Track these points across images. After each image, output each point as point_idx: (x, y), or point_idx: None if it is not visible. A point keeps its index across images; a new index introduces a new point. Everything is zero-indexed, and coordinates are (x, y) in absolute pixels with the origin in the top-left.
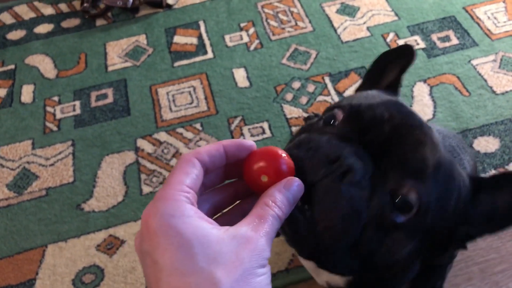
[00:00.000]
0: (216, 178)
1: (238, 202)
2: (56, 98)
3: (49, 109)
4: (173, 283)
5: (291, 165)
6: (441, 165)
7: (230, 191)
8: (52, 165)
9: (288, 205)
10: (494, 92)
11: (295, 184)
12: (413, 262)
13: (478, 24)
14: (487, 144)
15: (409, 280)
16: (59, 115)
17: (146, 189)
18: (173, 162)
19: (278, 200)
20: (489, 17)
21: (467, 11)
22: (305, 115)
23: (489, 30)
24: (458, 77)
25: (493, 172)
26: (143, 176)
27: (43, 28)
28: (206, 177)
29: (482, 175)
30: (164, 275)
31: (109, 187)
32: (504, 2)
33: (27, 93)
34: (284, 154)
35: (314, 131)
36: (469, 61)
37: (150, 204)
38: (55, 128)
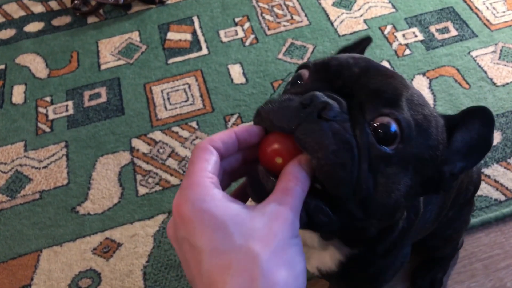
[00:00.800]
0: (236, 162)
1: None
2: (48, 99)
3: (41, 109)
4: (214, 262)
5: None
6: (414, 95)
7: (239, 157)
8: (45, 167)
9: (306, 178)
10: (494, 84)
11: (306, 158)
12: (407, 204)
13: (477, 15)
14: None
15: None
16: (51, 116)
17: (142, 190)
18: (169, 162)
19: (298, 174)
20: (487, 7)
21: (465, 1)
22: None
23: (488, 20)
24: (457, 69)
25: (495, 165)
26: (138, 177)
27: (34, 27)
28: (225, 162)
29: (484, 168)
30: (205, 257)
31: (104, 189)
32: None
33: (18, 94)
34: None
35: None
36: (469, 53)
37: (178, 194)
38: (47, 129)
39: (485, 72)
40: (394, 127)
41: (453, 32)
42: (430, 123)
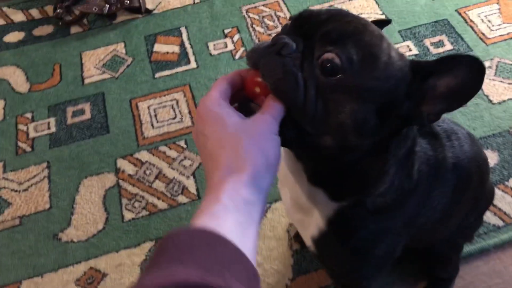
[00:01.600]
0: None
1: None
2: (29, 115)
3: (21, 127)
4: (215, 143)
5: None
6: (364, 37)
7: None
8: (25, 190)
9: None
10: (490, 101)
11: None
12: (364, 124)
13: (472, 28)
14: None
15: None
16: (32, 134)
17: (128, 215)
18: (156, 184)
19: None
20: (482, 20)
21: (460, 14)
22: None
23: (483, 34)
24: None
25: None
26: (124, 201)
27: (14, 37)
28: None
29: None
30: (209, 141)
31: (88, 213)
32: (498, 3)
33: None
34: None
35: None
36: None
37: (199, 102)
38: (28, 149)
39: (481, 89)
40: (336, 60)
41: (448, 46)
42: (377, 60)
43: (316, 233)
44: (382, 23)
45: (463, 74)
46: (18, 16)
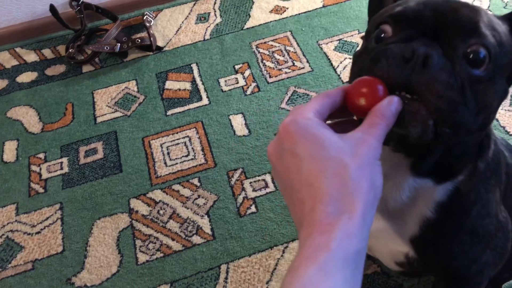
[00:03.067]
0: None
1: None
2: (41, 155)
3: (34, 168)
4: (312, 167)
5: (386, 90)
6: (485, 16)
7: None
8: (38, 232)
9: (392, 116)
10: (508, 132)
11: (395, 100)
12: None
13: None
14: None
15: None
16: (45, 175)
17: (142, 258)
18: (170, 224)
19: (384, 112)
20: None
21: None
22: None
23: None
24: None
25: None
26: (138, 243)
27: (27, 77)
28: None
29: None
30: (304, 163)
31: (102, 256)
32: None
33: (9, 151)
34: (380, 83)
35: (371, 52)
36: None
37: (287, 118)
38: (41, 190)
39: (497, 120)
40: (483, 52)
41: None
42: (502, 36)
43: (417, 230)
44: None
45: None
46: (31, 57)
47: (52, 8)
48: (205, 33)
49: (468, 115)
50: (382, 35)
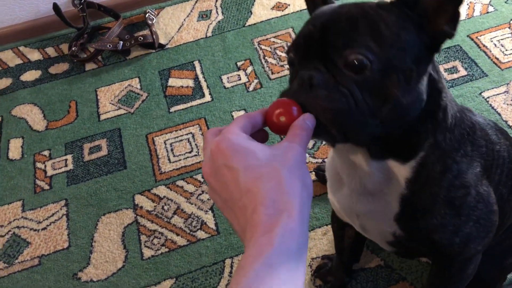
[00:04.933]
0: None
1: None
2: (46, 153)
3: (39, 165)
4: (248, 175)
5: (299, 108)
6: (362, 21)
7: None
8: (44, 229)
9: (309, 128)
10: (510, 127)
11: (308, 115)
12: (411, 78)
13: (485, 53)
14: None
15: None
16: (50, 172)
17: (147, 253)
18: (174, 220)
19: (303, 126)
20: (495, 45)
21: (472, 39)
22: (313, 161)
23: (497, 58)
24: None
25: None
26: (143, 238)
27: (30, 75)
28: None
29: None
30: (240, 173)
31: (107, 251)
32: (510, 27)
33: (15, 148)
34: (293, 102)
35: (291, 75)
36: (480, 93)
37: (217, 138)
38: (46, 187)
39: (499, 114)
40: (361, 59)
41: (462, 72)
42: (385, 31)
43: (398, 208)
44: None
45: None
46: (34, 55)
47: (56, 7)
48: (207, 30)
49: (363, 115)
50: (292, 62)
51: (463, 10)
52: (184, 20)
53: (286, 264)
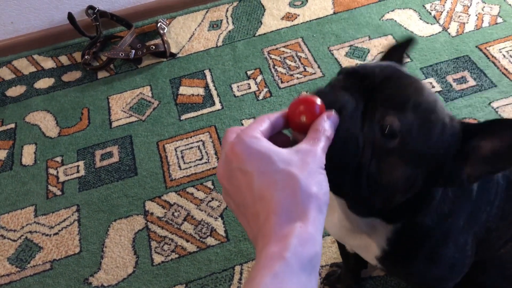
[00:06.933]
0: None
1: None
2: (58, 159)
3: (51, 171)
4: (263, 181)
5: (323, 106)
6: (422, 102)
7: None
8: (56, 234)
9: (331, 129)
10: None
11: (333, 115)
12: (412, 186)
13: (494, 63)
14: None
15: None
16: (62, 178)
17: (157, 259)
18: (185, 226)
19: (325, 126)
20: (504, 55)
21: (481, 50)
22: None
23: (506, 69)
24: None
25: None
26: (153, 244)
27: (44, 83)
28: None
29: None
30: (255, 178)
31: (118, 257)
32: None
33: (28, 154)
34: (317, 100)
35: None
36: (489, 104)
37: (233, 139)
38: (58, 192)
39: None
40: (396, 125)
41: (471, 82)
42: (433, 127)
43: (379, 254)
44: (406, 45)
45: (509, 137)
46: (48, 63)
47: (70, 16)
48: (218, 39)
49: (363, 177)
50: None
51: (472, 21)
52: (195, 29)
53: (297, 278)
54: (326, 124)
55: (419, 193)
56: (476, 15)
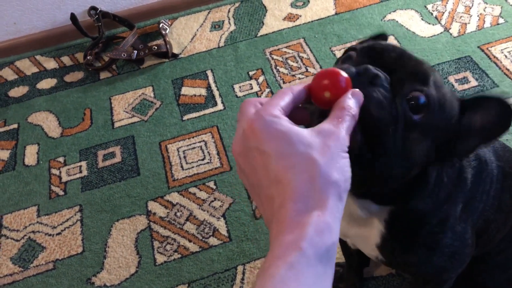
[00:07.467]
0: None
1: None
2: (61, 159)
3: (54, 171)
4: (280, 163)
5: (349, 81)
6: (437, 77)
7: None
8: (59, 234)
9: (357, 108)
10: None
11: (359, 93)
12: (427, 160)
13: (496, 64)
14: None
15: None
16: (65, 178)
17: (160, 259)
18: (187, 226)
19: (350, 104)
20: (506, 56)
21: (482, 50)
22: None
23: (508, 69)
24: None
25: None
26: (156, 244)
27: (46, 83)
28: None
29: None
30: (272, 159)
31: (120, 257)
32: None
33: (31, 155)
34: (343, 73)
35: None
36: None
37: (252, 115)
38: (61, 192)
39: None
40: (423, 99)
41: (473, 83)
42: (446, 101)
43: (379, 240)
44: (380, 38)
45: (494, 111)
46: (50, 64)
47: (73, 17)
48: (220, 40)
49: (388, 151)
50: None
51: (474, 21)
52: (197, 30)
53: (313, 269)
54: (352, 102)
55: (414, 177)
56: (477, 16)
